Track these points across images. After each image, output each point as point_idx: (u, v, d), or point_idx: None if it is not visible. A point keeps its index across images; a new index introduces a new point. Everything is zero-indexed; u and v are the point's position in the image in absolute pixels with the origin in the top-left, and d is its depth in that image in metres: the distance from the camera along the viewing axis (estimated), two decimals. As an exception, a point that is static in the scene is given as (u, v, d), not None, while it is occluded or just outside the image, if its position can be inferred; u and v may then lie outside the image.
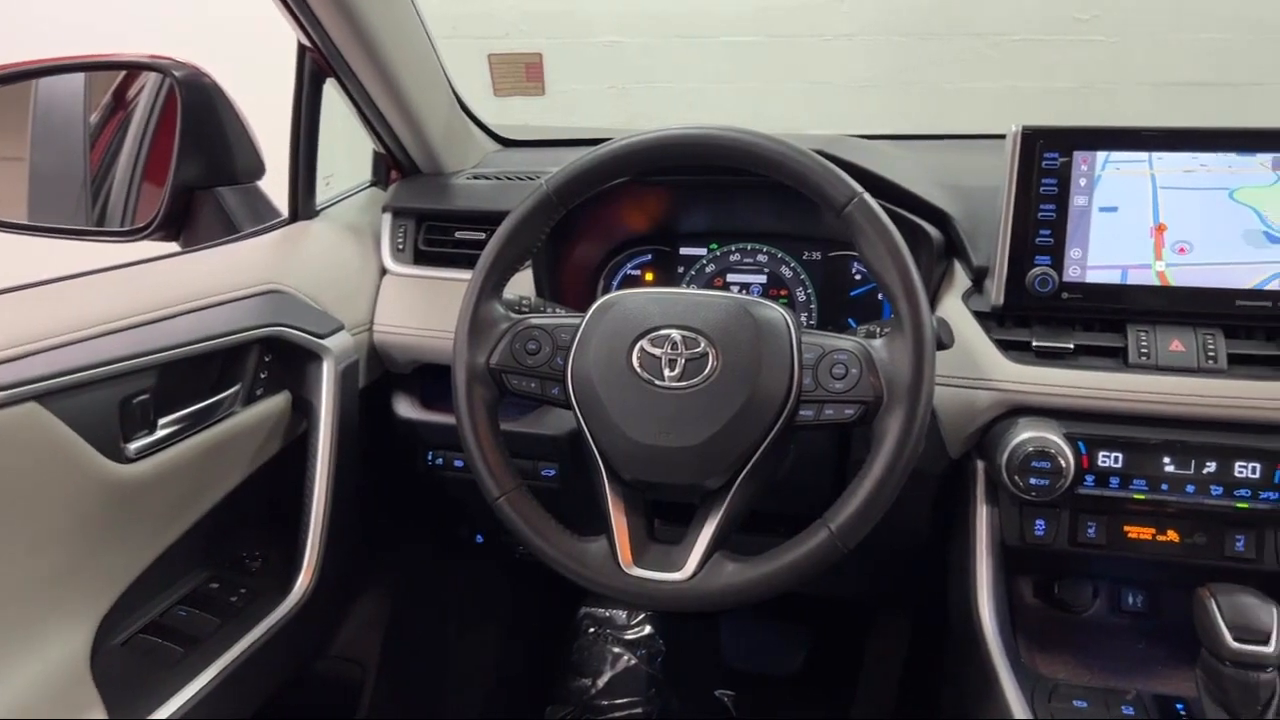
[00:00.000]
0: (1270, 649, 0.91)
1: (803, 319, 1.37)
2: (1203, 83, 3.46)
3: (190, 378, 1.11)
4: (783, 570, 0.95)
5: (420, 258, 1.40)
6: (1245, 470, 1.05)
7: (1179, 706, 1.04)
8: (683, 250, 1.42)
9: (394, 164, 1.46)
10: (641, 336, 0.99)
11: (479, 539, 1.62)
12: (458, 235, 1.38)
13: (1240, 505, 1.06)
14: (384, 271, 1.41)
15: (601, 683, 1.86)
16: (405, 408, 1.41)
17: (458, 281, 1.14)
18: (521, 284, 1.31)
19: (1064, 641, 1.19)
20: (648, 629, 1.90)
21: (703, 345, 0.98)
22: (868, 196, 0.96)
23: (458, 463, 1.40)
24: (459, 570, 1.76)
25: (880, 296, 1.35)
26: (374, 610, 1.57)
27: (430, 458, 1.42)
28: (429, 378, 1.40)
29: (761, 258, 1.39)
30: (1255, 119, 1.07)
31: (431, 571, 1.71)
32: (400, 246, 1.40)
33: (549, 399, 1.04)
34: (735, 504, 0.98)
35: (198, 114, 1.26)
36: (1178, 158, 1.08)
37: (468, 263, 1.08)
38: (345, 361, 1.27)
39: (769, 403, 0.96)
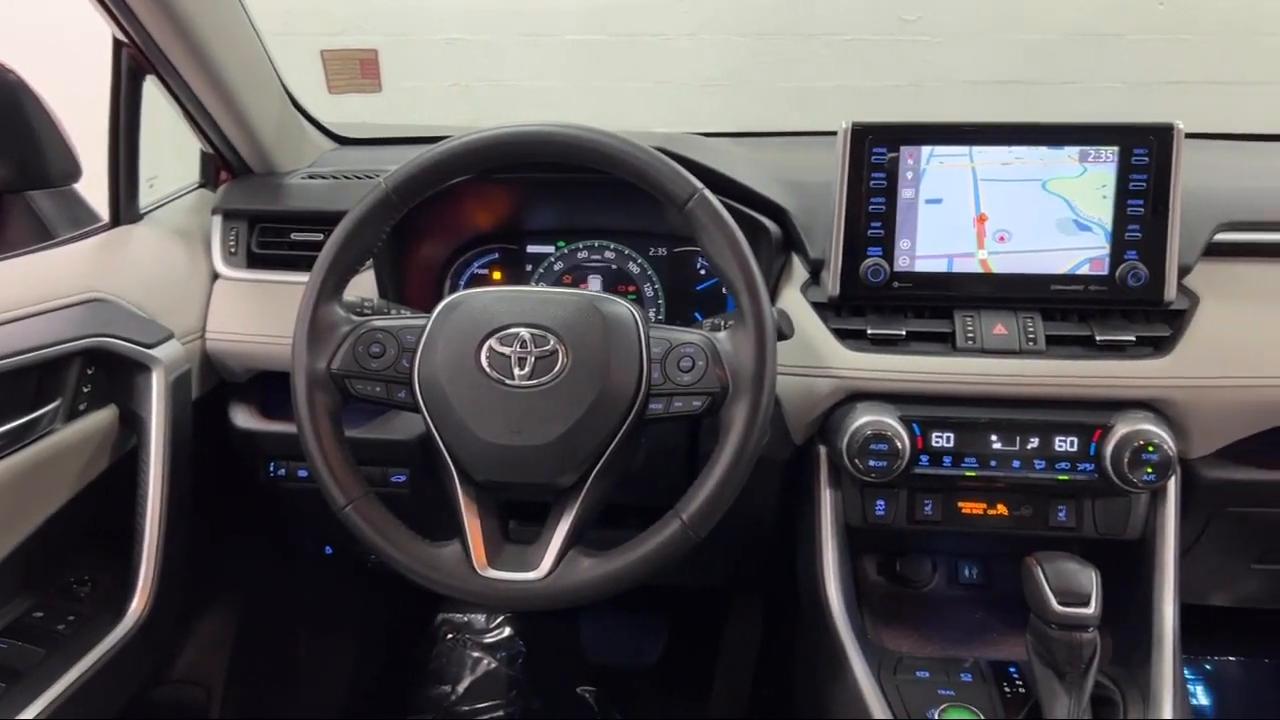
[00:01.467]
0: (1090, 610, 0.98)
1: (651, 314, 1.38)
2: (1021, 80, 3.67)
3: (2, 394, 1.04)
4: (637, 563, 0.96)
5: (254, 261, 1.34)
6: (1065, 444, 1.12)
7: (1012, 670, 1.10)
8: (530, 248, 1.41)
9: (223, 164, 1.40)
10: (490, 336, 0.98)
11: (328, 551, 1.57)
12: (293, 237, 1.33)
13: (1061, 478, 1.13)
14: (215, 276, 1.35)
15: (461, 688, 1.83)
16: (243, 418, 1.35)
17: (295, 285, 1.10)
18: (364, 286, 1.28)
19: (907, 616, 1.25)
20: (507, 631, 1.89)
21: (552, 343, 0.98)
22: (708, 193, 0.98)
23: (301, 473, 1.35)
24: (308, 583, 1.70)
25: (725, 290, 1.38)
26: (217, 630, 1.51)
27: (272, 469, 1.37)
28: (268, 386, 1.35)
29: (609, 254, 1.40)
30: (1068, 115, 1.14)
31: (279, 586, 1.65)
32: (232, 250, 1.35)
33: (395, 403, 1.02)
34: (589, 500, 0.99)
35: (1, 113, 1.17)
36: (995, 151, 1.14)
37: (305, 265, 1.04)
38: (176, 372, 1.21)
39: (619, 398, 0.97)
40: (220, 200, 1.37)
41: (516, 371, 0.97)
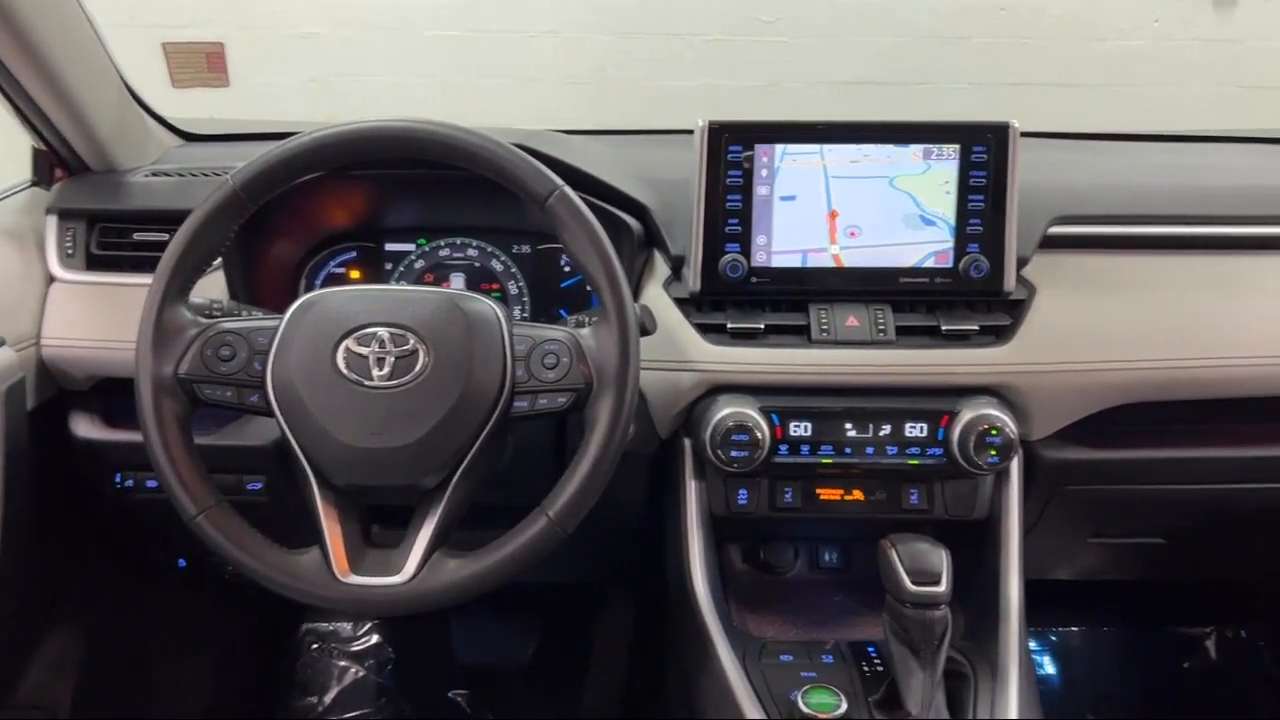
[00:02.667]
0: (942, 588, 1.02)
1: (515, 312, 1.38)
2: (877, 81, 3.81)
3: None
4: (504, 561, 0.96)
5: (94, 263, 1.28)
6: (915, 430, 1.17)
7: (870, 649, 1.15)
8: (389, 246, 1.39)
9: (58, 161, 1.33)
10: (346, 336, 0.96)
11: (181, 564, 1.51)
12: (136, 237, 1.27)
13: (912, 462, 1.18)
14: (51, 279, 1.27)
15: (329, 698, 1.79)
16: (85, 427, 1.29)
17: (138, 287, 1.05)
18: (213, 287, 1.23)
19: (771, 601, 1.28)
20: (375, 638, 1.85)
21: (412, 342, 0.96)
22: (568, 190, 0.99)
23: (150, 483, 1.29)
24: (161, 599, 1.63)
25: (589, 287, 1.38)
26: (63, 652, 1.43)
27: (119, 480, 1.31)
28: (111, 393, 1.28)
29: (472, 252, 1.38)
30: (920, 114, 1.19)
31: (129, 603, 1.57)
32: (70, 251, 1.28)
33: (248, 407, 0.98)
34: (454, 501, 0.98)
35: None
36: (845, 149, 1.18)
37: (149, 266, 1.00)
38: (8, 381, 1.14)
39: (482, 396, 0.97)
40: (55, 199, 1.30)
41: (375, 372, 0.95)
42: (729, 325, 1.18)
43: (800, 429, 1.17)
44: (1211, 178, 1.40)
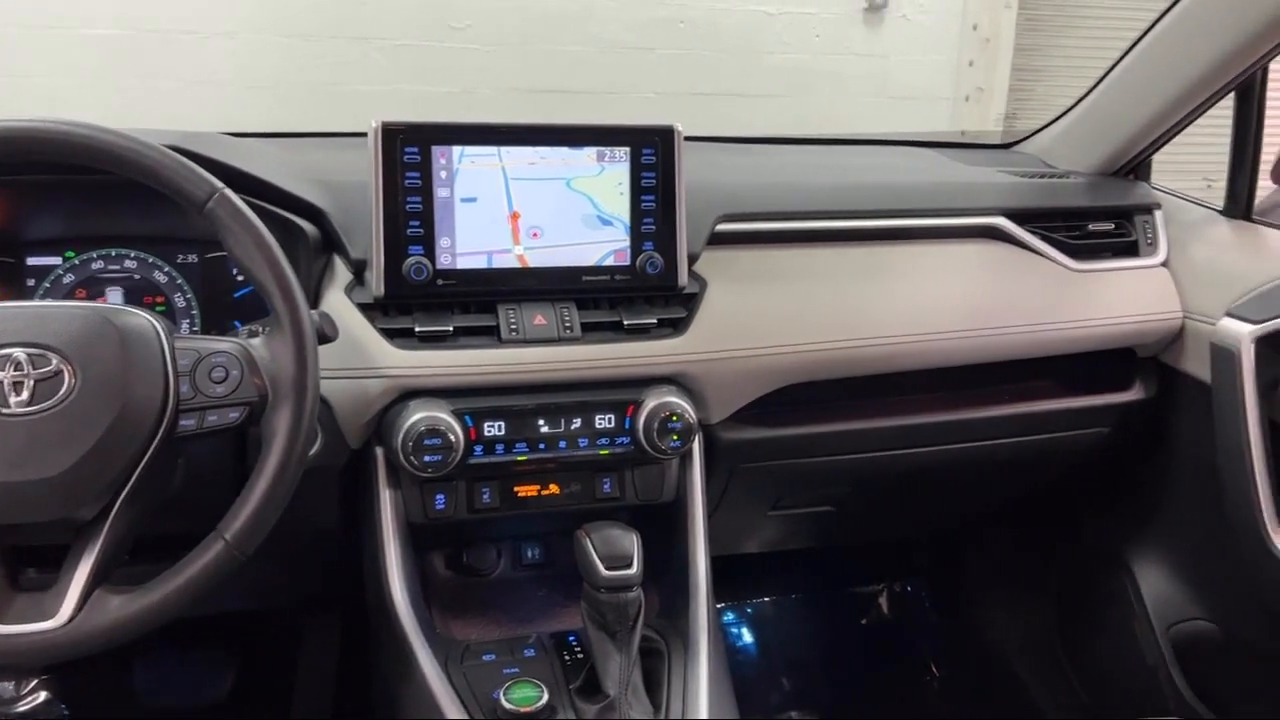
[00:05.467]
0: (633, 571, 1.07)
1: (184, 326, 1.29)
2: (568, 89, 3.90)
3: None
4: (177, 592, 0.90)
5: None
6: (604, 421, 1.21)
7: (571, 638, 1.18)
8: (31, 260, 1.25)
9: None
10: None
11: None
12: None
13: (603, 452, 1.22)
14: None
15: (-7, 772, 1.59)
16: None
17: None
18: None
19: (476, 604, 1.28)
20: (43, 695, 1.66)
21: (55, 362, 0.88)
22: (229, 192, 0.94)
23: None
24: None
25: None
26: None
27: None
28: None
29: (130, 264, 1.28)
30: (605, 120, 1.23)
31: None
32: None
33: None
34: (115, 532, 0.91)
35: None
36: (522, 151, 1.20)
37: None
38: None
39: (143, 417, 0.90)
40: None
41: (12, 398, 0.87)
42: (416, 329, 1.17)
43: (494, 429, 1.18)
44: (862, 176, 1.56)
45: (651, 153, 1.22)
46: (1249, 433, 1.34)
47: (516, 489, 1.24)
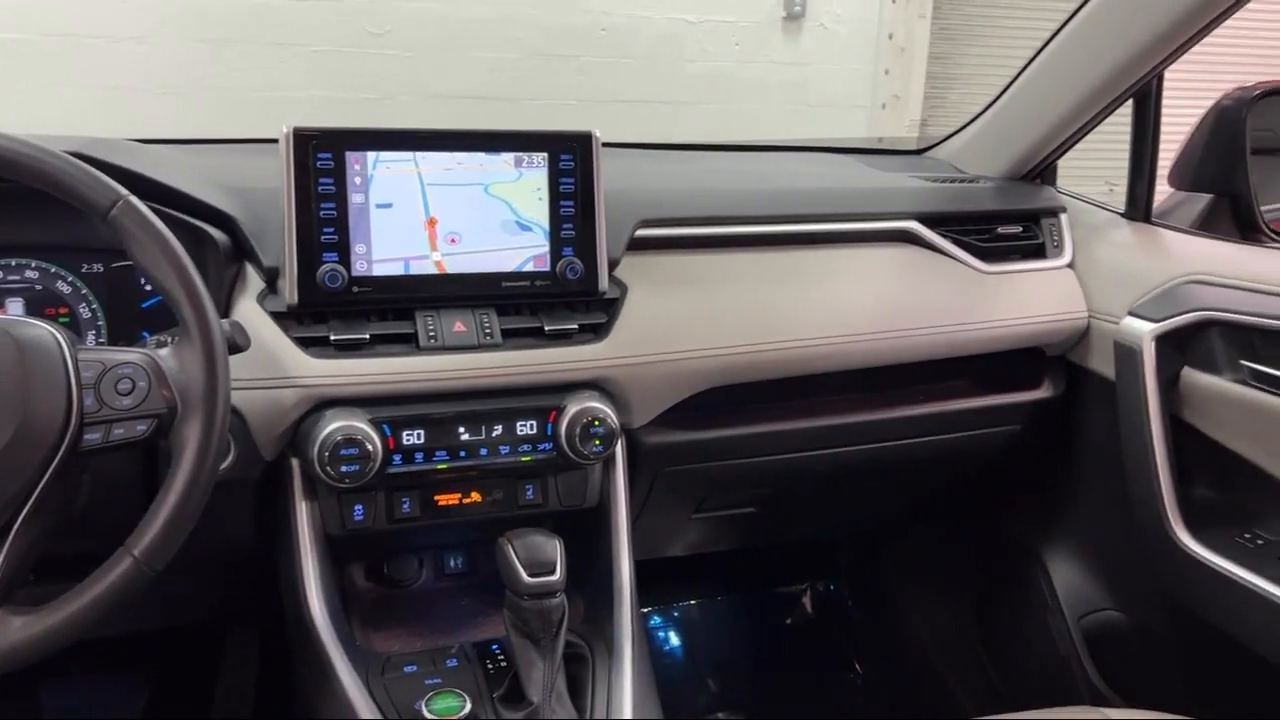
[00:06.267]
0: (556, 577, 1.07)
1: (90, 337, 1.25)
2: (490, 96, 3.88)
3: None
4: (82, 611, 0.87)
5: None
6: (525, 428, 1.21)
7: (495, 647, 1.17)
8: None
9: None
10: None
11: None
12: None
13: (525, 459, 1.21)
14: None
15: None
16: None
17: None
18: None
19: (398, 616, 1.26)
20: (-58, 725, 1.59)
21: None
22: (134, 200, 0.92)
23: None
24: None
25: (172, 305, 1.29)
26: None
27: None
28: None
29: (31, 274, 1.23)
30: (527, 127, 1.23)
31: None
32: None
33: None
34: (16, 552, 0.87)
35: None
36: (439, 157, 1.19)
37: None
38: None
39: (43, 432, 0.87)
40: None
41: None
42: (332, 337, 1.15)
43: (413, 437, 1.16)
44: (779, 182, 1.58)
45: (570, 159, 1.22)
46: (1151, 428, 1.39)
47: (437, 498, 1.22)
